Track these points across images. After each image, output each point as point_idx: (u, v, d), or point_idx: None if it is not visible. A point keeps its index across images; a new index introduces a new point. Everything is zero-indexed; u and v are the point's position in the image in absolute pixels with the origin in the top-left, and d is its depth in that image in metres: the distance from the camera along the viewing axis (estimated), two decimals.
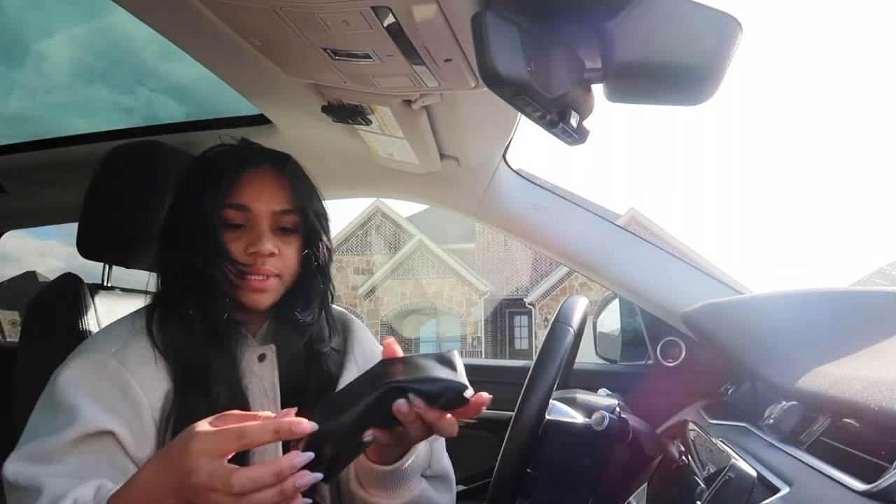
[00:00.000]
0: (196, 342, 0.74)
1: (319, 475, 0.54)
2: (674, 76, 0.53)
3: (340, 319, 0.94)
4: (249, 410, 0.74)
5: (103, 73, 1.43)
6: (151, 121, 1.26)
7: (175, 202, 0.81)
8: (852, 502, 0.48)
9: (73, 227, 1.03)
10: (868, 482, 0.48)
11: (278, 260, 0.78)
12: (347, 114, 0.90)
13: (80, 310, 0.98)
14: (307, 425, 0.54)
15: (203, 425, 0.55)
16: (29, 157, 1.29)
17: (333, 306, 0.95)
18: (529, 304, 15.70)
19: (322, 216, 0.83)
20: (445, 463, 0.87)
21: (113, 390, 0.70)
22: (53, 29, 1.36)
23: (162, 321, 0.76)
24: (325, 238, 0.83)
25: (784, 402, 0.78)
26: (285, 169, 0.81)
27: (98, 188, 0.99)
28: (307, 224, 0.81)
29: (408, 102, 0.84)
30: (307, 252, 0.81)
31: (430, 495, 0.81)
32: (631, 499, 0.82)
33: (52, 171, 1.32)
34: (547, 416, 0.94)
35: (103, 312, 1.02)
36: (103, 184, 1.00)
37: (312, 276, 0.83)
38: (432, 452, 0.82)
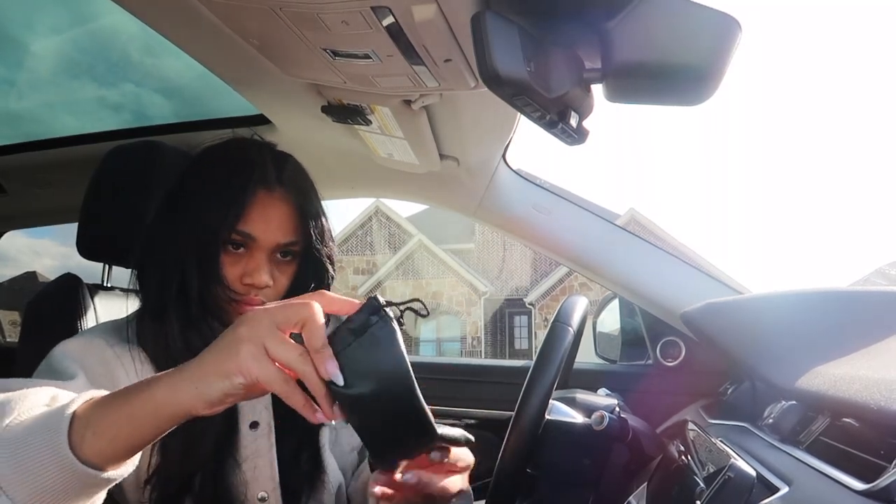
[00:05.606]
0: (184, 356, 0.72)
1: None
2: (673, 76, 0.53)
3: None
4: (242, 419, 0.74)
5: (91, 69, 1.40)
6: (141, 117, 1.25)
7: (172, 204, 0.76)
8: (851, 502, 0.48)
9: (67, 227, 1.03)
10: (867, 482, 0.48)
11: (271, 291, 0.75)
12: (347, 114, 0.89)
13: (79, 310, 0.98)
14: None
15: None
16: (28, 158, 1.29)
17: None
18: (529, 304, 15.70)
19: (328, 246, 0.80)
20: None
21: (103, 374, 0.70)
22: (43, 25, 1.34)
23: (148, 332, 0.74)
24: (329, 268, 0.80)
25: (783, 402, 0.78)
26: (299, 196, 0.77)
27: (98, 188, 0.99)
28: (307, 255, 0.78)
29: (407, 102, 0.84)
30: (312, 285, 0.79)
31: None
32: (631, 499, 0.82)
33: (51, 172, 1.32)
34: (547, 416, 0.94)
35: (103, 312, 1.02)
36: (103, 184, 0.99)
37: None
38: None
